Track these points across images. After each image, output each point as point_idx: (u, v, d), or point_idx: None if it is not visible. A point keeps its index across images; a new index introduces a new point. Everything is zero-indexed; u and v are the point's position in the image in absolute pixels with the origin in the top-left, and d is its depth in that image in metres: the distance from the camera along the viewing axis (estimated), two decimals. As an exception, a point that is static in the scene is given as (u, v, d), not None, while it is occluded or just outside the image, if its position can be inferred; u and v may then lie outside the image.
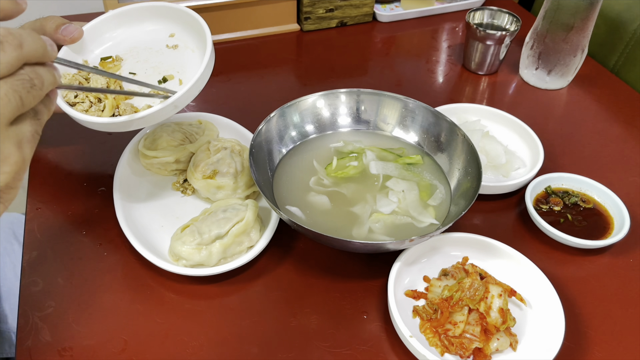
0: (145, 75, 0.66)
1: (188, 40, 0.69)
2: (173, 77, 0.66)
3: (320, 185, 0.70)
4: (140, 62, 0.67)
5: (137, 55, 0.68)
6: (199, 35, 0.65)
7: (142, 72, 0.66)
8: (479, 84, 0.98)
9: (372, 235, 0.64)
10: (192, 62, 0.67)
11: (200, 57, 0.64)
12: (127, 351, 0.57)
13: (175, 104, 0.59)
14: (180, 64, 0.67)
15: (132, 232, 0.65)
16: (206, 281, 0.64)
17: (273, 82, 0.97)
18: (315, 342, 0.59)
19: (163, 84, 0.65)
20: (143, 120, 0.59)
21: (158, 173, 0.75)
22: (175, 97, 0.58)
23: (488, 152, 0.76)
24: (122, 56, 0.68)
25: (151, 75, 0.66)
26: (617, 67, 1.02)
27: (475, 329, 0.57)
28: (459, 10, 1.16)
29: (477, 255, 0.65)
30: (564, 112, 0.93)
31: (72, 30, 0.62)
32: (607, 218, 0.71)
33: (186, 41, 0.69)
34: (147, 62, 0.67)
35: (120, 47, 0.69)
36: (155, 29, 0.70)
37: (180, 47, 0.69)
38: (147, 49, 0.68)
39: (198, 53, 0.67)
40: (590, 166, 0.81)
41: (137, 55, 0.68)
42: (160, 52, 0.69)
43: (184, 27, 0.69)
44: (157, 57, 0.68)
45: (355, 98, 0.76)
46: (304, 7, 1.04)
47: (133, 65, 0.67)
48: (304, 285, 0.64)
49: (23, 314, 0.60)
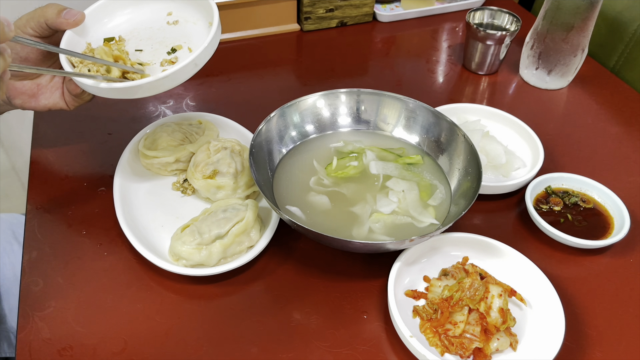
0: (152, 50, 0.66)
1: (187, 15, 0.70)
2: (182, 47, 0.66)
3: (320, 185, 0.70)
4: (144, 40, 0.67)
5: (139, 35, 0.68)
6: (197, 8, 0.66)
7: (149, 48, 0.67)
8: (479, 84, 0.98)
9: (372, 235, 0.64)
10: (196, 32, 0.67)
11: (203, 28, 0.65)
12: (127, 351, 0.57)
13: (196, 62, 0.60)
14: (185, 35, 0.68)
15: (132, 232, 0.65)
16: (206, 281, 0.64)
17: (273, 82, 0.97)
18: (315, 342, 0.59)
19: (173, 54, 0.65)
20: (168, 80, 0.59)
21: (158, 173, 0.75)
22: (196, 54, 0.59)
23: (488, 152, 0.76)
24: (125, 37, 0.68)
25: (158, 49, 0.66)
26: (617, 67, 1.02)
27: (475, 329, 0.57)
28: (459, 10, 1.16)
29: (477, 255, 0.65)
30: (564, 112, 0.93)
31: (74, 14, 0.63)
32: (607, 218, 0.71)
33: (185, 16, 0.70)
34: (151, 39, 0.68)
35: (122, 29, 0.69)
36: (152, 9, 0.71)
37: (181, 22, 0.70)
38: (149, 28, 0.69)
39: (200, 24, 0.68)
40: (590, 166, 0.81)
41: (140, 35, 0.68)
42: (162, 29, 0.69)
43: (180, 4, 0.70)
44: (160, 33, 0.69)
45: (356, 98, 0.76)
46: (304, 7, 1.04)
47: (137, 43, 0.67)
48: (304, 285, 0.64)
49: (23, 313, 0.60)
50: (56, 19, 0.61)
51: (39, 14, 0.61)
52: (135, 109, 0.88)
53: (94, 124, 0.84)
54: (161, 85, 0.60)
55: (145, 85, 0.59)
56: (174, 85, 0.61)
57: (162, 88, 0.60)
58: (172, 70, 0.59)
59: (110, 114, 0.86)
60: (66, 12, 0.62)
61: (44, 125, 0.83)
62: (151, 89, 0.60)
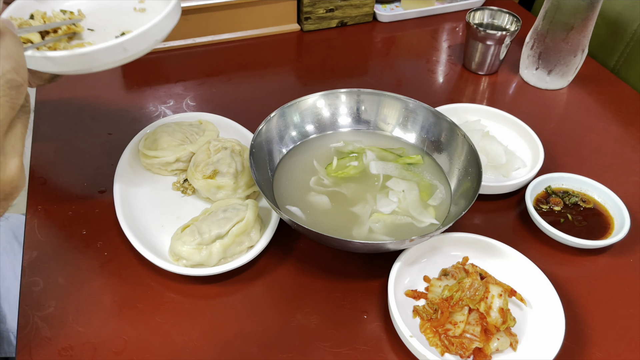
0: (103, 32, 0.63)
1: (156, 6, 0.67)
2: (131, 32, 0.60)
3: (320, 185, 0.70)
4: (102, 21, 0.64)
5: (100, 15, 0.65)
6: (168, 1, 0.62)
7: (101, 29, 0.63)
8: (479, 84, 0.98)
9: (372, 235, 0.64)
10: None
11: None
12: (127, 351, 0.57)
13: (124, 46, 0.55)
14: (143, 24, 0.61)
15: (132, 232, 0.65)
16: (206, 281, 0.64)
17: (273, 82, 0.97)
18: (315, 342, 0.59)
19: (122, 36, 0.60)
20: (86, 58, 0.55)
21: (158, 173, 0.75)
22: (124, 38, 0.55)
23: (488, 152, 0.76)
24: (85, 12, 0.65)
25: (110, 33, 0.63)
26: (617, 67, 1.02)
27: (475, 329, 0.57)
28: (459, 10, 1.16)
29: (477, 255, 0.65)
30: (564, 112, 0.93)
31: None
32: (607, 218, 0.71)
33: (154, 6, 0.67)
34: (109, 22, 0.64)
35: (86, 6, 0.66)
36: None
37: (148, 10, 0.67)
38: (113, 11, 0.66)
39: None
40: (590, 166, 0.81)
41: (101, 15, 0.65)
42: (126, 14, 0.66)
43: None
44: (121, 17, 0.65)
45: (356, 98, 0.76)
46: (304, 7, 1.04)
47: (94, 23, 0.64)
48: (304, 285, 0.64)
49: (23, 313, 0.60)
50: None
51: None
52: (136, 109, 0.88)
53: (94, 124, 0.84)
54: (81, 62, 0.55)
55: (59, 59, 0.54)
56: (100, 66, 0.56)
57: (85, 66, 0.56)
58: (92, 48, 0.54)
59: (111, 114, 0.86)
60: None
61: (44, 125, 0.83)
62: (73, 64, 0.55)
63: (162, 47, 1.00)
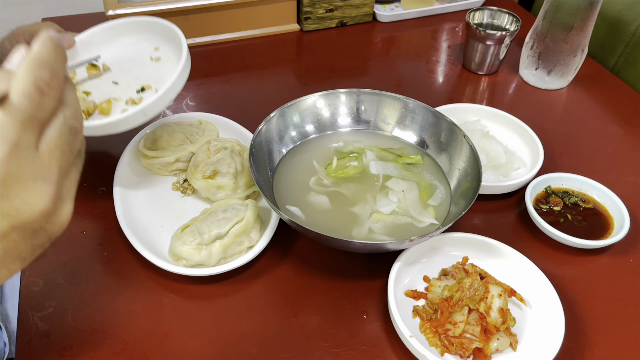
0: (126, 85, 0.69)
1: (170, 54, 0.72)
2: (150, 87, 0.68)
3: (320, 185, 0.70)
4: (124, 73, 0.70)
5: (122, 66, 0.71)
6: (180, 49, 0.67)
7: (124, 82, 0.69)
8: (479, 84, 0.98)
9: (372, 235, 0.64)
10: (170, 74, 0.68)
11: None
12: (127, 351, 0.57)
13: (144, 112, 0.61)
14: (159, 75, 0.70)
15: (132, 232, 0.65)
16: (206, 281, 0.64)
17: (273, 82, 0.97)
18: (315, 342, 0.59)
19: (141, 92, 0.68)
20: (111, 126, 0.61)
21: (158, 173, 0.75)
22: (144, 105, 0.61)
23: (488, 152, 0.76)
24: (109, 65, 0.71)
25: (132, 85, 0.69)
26: (617, 67, 1.02)
27: (475, 329, 0.57)
28: (459, 10, 1.16)
29: (477, 255, 0.65)
30: (564, 112, 0.93)
31: (65, 39, 0.66)
32: (607, 218, 0.71)
33: (168, 54, 0.72)
34: (130, 73, 0.70)
35: (108, 57, 0.72)
36: (142, 41, 0.73)
37: (163, 59, 0.72)
38: (132, 61, 0.72)
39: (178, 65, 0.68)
40: (590, 166, 0.81)
41: (122, 66, 0.71)
42: (144, 64, 0.71)
43: (168, 41, 0.72)
44: (140, 68, 0.71)
45: (355, 98, 0.76)
46: (304, 7, 1.04)
47: (117, 76, 0.70)
48: (304, 285, 0.64)
49: (23, 313, 0.60)
50: None
51: (35, 30, 0.64)
52: (135, 109, 0.88)
53: (94, 124, 0.84)
54: (106, 130, 0.61)
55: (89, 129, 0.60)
56: (122, 130, 0.62)
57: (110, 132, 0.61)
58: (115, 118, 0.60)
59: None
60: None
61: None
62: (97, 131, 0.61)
63: (162, 47, 1.00)
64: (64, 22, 1.07)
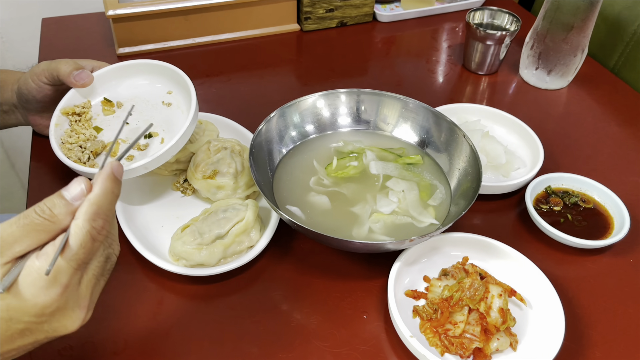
0: (135, 127, 0.70)
1: (181, 101, 0.73)
2: (157, 135, 0.69)
3: (320, 185, 0.70)
4: (136, 113, 0.71)
5: (135, 105, 0.72)
6: (190, 100, 0.68)
7: (134, 124, 0.70)
8: (479, 84, 0.98)
9: (372, 235, 0.64)
10: (180, 122, 0.69)
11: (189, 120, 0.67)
12: (127, 351, 0.57)
13: (146, 166, 0.63)
14: (168, 122, 0.70)
15: (132, 232, 0.65)
16: (206, 281, 0.64)
17: (273, 82, 0.97)
18: (315, 342, 0.59)
19: (148, 139, 0.69)
20: None
21: (158, 173, 0.75)
22: (145, 161, 0.62)
23: (488, 152, 0.76)
24: (123, 102, 0.72)
25: (141, 128, 0.70)
26: (617, 67, 1.02)
27: (475, 329, 0.57)
28: (459, 10, 1.16)
29: (477, 255, 0.65)
30: (564, 112, 0.93)
31: (84, 77, 0.69)
32: (607, 218, 0.71)
33: (179, 101, 0.73)
34: (141, 114, 0.71)
35: (123, 95, 0.73)
36: (156, 83, 0.75)
37: (173, 105, 0.72)
38: (145, 101, 0.73)
39: (186, 115, 0.69)
40: (590, 166, 0.81)
41: (135, 106, 0.72)
42: (155, 107, 0.72)
43: (180, 88, 0.73)
44: (151, 111, 0.72)
45: (355, 98, 0.76)
46: (304, 7, 1.04)
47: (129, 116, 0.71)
48: (304, 285, 0.64)
49: (23, 314, 0.60)
50: (67, 77, 0.68)
51: (54, 68, 0.68)
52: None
53: (94, 124, 0.84)
54: None
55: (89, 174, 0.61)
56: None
57: None
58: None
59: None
60: (77, 74, 0.68)
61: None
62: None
63: (162, 48, 1.00)
64: (64, 22, 1.08)
